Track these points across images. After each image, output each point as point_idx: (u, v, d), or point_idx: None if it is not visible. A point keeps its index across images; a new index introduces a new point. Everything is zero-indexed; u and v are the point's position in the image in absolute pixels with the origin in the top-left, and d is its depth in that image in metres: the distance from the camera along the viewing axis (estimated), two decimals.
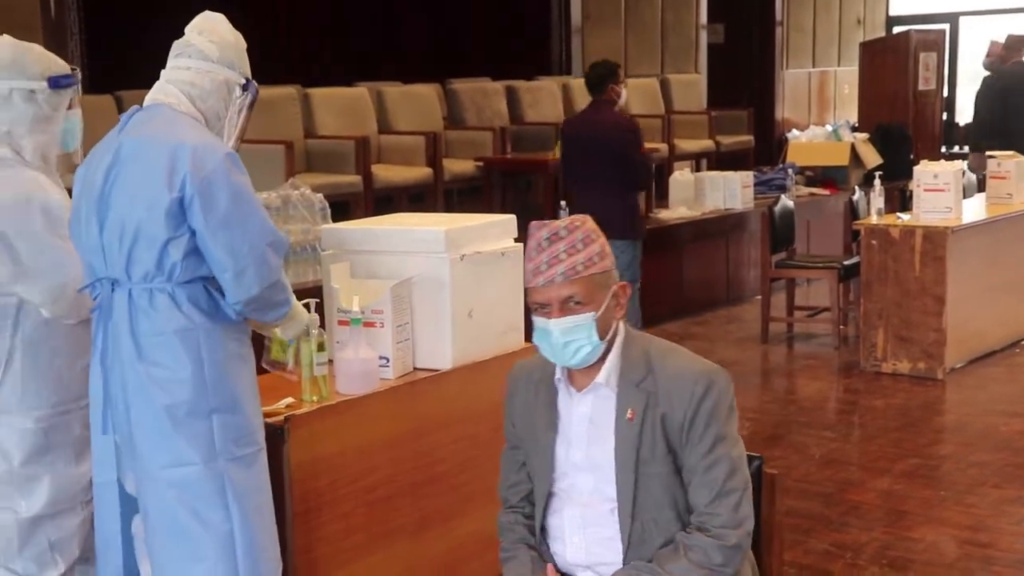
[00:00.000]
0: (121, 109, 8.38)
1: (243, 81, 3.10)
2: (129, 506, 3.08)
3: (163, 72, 3.11)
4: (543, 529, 2.68)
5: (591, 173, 7.00)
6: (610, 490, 2.56)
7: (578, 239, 2.54)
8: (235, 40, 3.13)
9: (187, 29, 3.13)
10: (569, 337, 2.53)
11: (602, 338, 2.55)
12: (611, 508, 2.57)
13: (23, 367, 3.21)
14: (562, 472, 2.63)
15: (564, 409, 2.64)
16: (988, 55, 11.06)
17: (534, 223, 2.61)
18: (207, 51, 3.06)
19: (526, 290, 2.60)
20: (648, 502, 2.54)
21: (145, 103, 3.07)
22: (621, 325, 2.62)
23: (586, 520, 2.60)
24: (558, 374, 2.64)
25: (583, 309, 2.53)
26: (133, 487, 3.05)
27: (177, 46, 3.11)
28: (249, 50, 3.17)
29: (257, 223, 2.91)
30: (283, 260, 3.02)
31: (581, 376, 2.61)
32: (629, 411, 2.54)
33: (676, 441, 2.53)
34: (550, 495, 2.65)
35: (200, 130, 2.99)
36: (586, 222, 2.59)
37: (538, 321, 2.57)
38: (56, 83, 3.26)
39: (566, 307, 2.53)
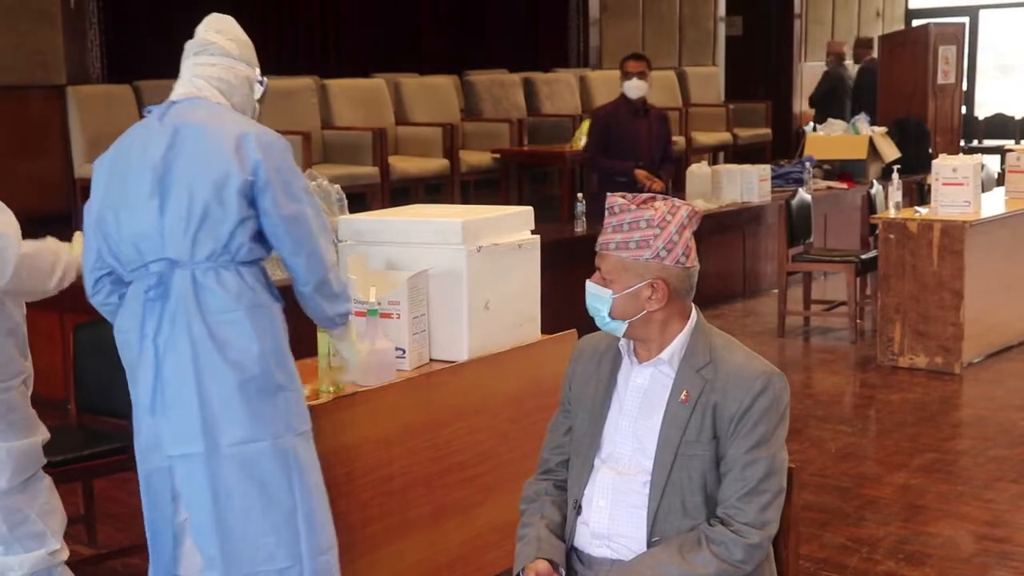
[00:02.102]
0: (139, 99, 8.43)
1: (260, 78, 3.20)
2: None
3: (184, 69, 3.14)
4: (577, 505, 2.69)
5: None
6: (647, 463, 2.60)
7: (626, 220, 2.60)
8: (247, 39, 3.21)
9: (201, 29, 3.17)
10: (591, 302, 2.65)
11: (617, 318, 2.61)
12: (644, 481, 2.60)
13: None
14: (608, 438, 2.67)
15: (623, 378, 2.70)
16: (828, 55, 12.83)
17: (611, 193, 2.71)
18: (228, 48, 3.13)
19: None
20: (681, 483, 2.56)
21: (175, 97, 3.09)
22: (695, 310, 2.67)
23: (617, 487, 2.63)
24: (623, 341, 2.69)
25: (607, 284, 2.62)
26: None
27: (196, 44, 3.15)
28: (266, 40, 3.24)
29: (317, 208, 3.05)
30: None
31: (645, 350, 2.66)
32: (684, 392, 2.59)
33: (723, 431, 2.56)
34: (592, 467, 2.67)
35: (249, 120, 3.08)
36: (657, 207, 2.61)
37: None
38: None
39: (601, 277, 2.64)
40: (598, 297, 2.62)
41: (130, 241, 3.00)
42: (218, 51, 3.12)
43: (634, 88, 7.79)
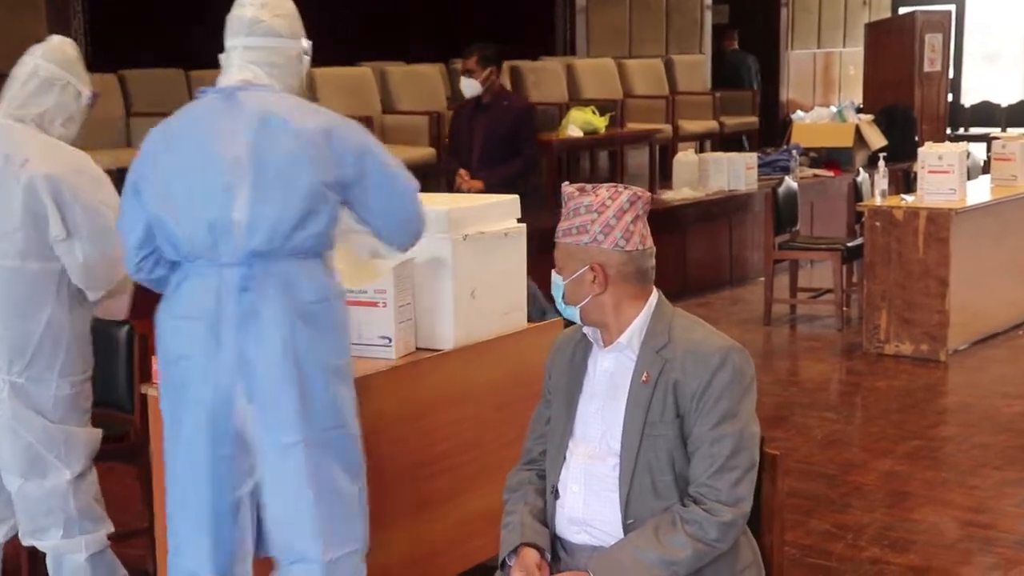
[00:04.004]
0: (125, 89, 8.39)
1: (307, 46, 3.13)
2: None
3: (232, 53, 3.03)
4: (554, 490, 2.72)
5: None
6: (615, 445, 2.63)
7: (570, 207, 2.68)
8: (293, 8, 3.12)
9: (244, 3, 3.04)
10: (553, 291, 2.73)
11: (570, 304, 2.68)
12: (613, 465, 2.62)
13: (67, 334, 3.44)
14: (580, 423, 2.71)
15: (592, 363, 2.74)
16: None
17: (565, 182, 2.79)
18: (277, 27, 3.03)
19: None
20: (649, 463, 2.58)
21: (231, 82, 2.98)
22: (655, 293, 2.70)
23: (589, 472, 2.66)
24: (587, 328, 2.72)
25: (559, 272, 2.70)
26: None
27: (242, 24, 3.02)
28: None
29: (399, 165, 3.17)
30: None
31: (607, 335, 2.69)
32: (645, 373, 2.62)
33: (686, 409, 2.58)
34: (565, 455, 2.70)
35: (324, 111, 3.06)
36: (596, 191, 2.67)
37: None
38: (92, 100, 3.57)
39: (556, 265, 2.72)
40: (555, 285, 2.71)
41: (204, 228, 2.89)
42: (267, 31, 3.01)
43: (464, 87, 7.12)
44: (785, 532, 2.88)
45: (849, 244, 8.06)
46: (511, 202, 3.96)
